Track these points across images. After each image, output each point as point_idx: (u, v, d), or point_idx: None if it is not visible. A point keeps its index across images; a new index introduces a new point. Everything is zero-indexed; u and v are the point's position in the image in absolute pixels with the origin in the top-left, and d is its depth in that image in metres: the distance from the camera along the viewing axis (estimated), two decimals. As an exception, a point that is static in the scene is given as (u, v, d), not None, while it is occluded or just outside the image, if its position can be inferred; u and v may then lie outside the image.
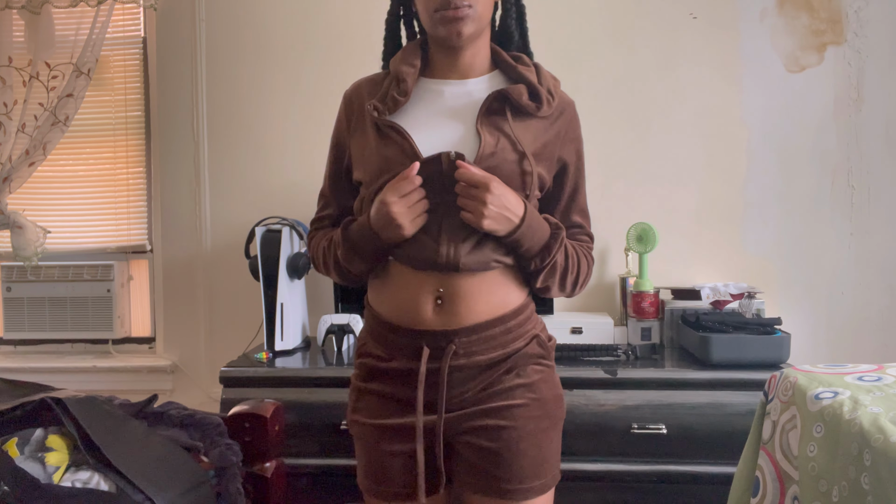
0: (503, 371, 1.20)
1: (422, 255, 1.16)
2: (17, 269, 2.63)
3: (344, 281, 1.28)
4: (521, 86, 1.20)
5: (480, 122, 1.17)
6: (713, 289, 2.17)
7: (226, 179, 2.57)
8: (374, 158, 1.18)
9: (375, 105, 1.19)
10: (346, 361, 2.07)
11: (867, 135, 2.35)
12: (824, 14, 2.36)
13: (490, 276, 1.19)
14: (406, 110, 1.20)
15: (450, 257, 1.15)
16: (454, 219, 1.15)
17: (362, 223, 1.18)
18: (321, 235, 1.33)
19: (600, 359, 2.00)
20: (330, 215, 1.34)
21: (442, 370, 1.16)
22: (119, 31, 2.64)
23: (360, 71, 2.56)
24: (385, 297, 1.23)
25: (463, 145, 1.16)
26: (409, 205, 1.12)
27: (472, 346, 1.17)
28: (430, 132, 1.18)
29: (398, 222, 1.12)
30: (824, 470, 1.24)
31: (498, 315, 1.19)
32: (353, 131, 1.26)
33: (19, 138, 2.50)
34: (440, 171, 1.13)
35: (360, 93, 1.26)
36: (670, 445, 1.84)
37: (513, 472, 1.18)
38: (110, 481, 1.31)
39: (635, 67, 2.41)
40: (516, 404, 1.19)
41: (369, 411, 1.23)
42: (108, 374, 2.60)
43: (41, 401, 1.40)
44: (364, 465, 1.26)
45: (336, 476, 1.91)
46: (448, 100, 1.22)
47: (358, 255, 1.20)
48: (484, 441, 1.18)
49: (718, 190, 2.40)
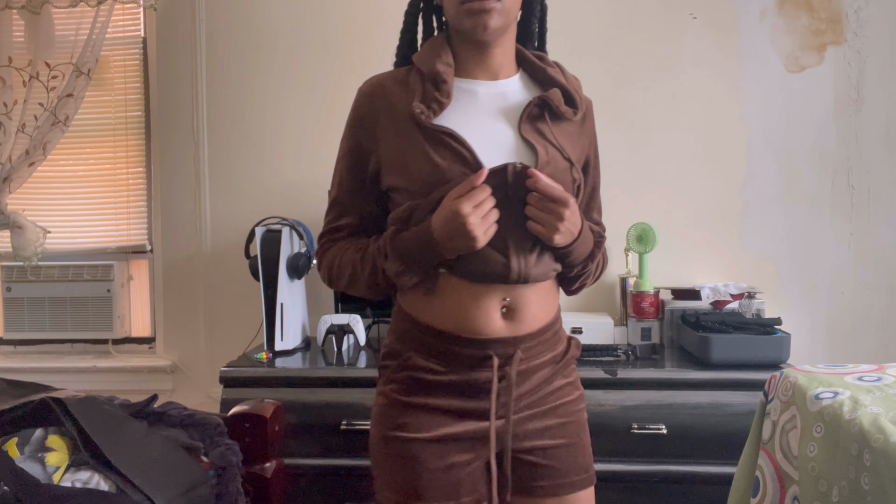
0: (552, 373, 1.21)
1: (488, 270, 1.12)
2: (17, 269, 2.63)
3: (374, 295, 1.21)
4: (557, 91, 1.18)
5: (524, 129, 1.14)
6: (713, 289, 2.17)
7: (226, 179, 2.57)
8: (424, 166, 1.11)
9: (422, 108, 1.12)
10: (346, 361, 2.07)
11: (867, 135, 2.35)
12: (824, 14, 2.36)
13: (544, 284, 1.19)
14: (447, 113, 1.14)
15: (521, 271, 1.12)
16: (518, 231, 1.12)
17: (422, 233, 1.10)
18: (341, 248, 1.23)
19: (600, 359, 2.00)
20: (348, 225, 1.24)
21: (511, 375, 1.14)
22: (119, 31, 2.64)
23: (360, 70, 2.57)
24: (439, 309, 1.15)
25: (517, 153, 1.13)
26: (482, 215, 1.07)
27: (532, 350, 1.17)
28: (482, 138, 1.12)
29: (473, 234, 1.06)
30: (824, 470, 1.24)
31: (549, 320, 1.20)
32: (383, 132, 1.17)
33: (19, 138, 2.50)
34: (504, 182, 1.09)
35: (386, 91, 1.18)
36: (670, 445, 1.84)
37: (578, 462, 1.21)
38: (110, 481, 1.31)
39: (635, 67, 2.40)
40: (569, 400, 1.22)
41: (418, 426, 1.16)
42: (108, 374, 2.60)
43: (41, 401, 1.40)
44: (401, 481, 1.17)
45: (336, 476, 1.91)
46: (484, 101, 1.17)
47: (412, 267, 1.12)
48: (549, 440, 1.19)
49: (718, 190, 2.40)
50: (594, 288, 2.42)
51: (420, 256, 1.11)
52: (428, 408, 1.16)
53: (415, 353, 1.17)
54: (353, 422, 1.89)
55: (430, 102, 1.13)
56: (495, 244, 1.11)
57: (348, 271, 1.20)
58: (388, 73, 1.22)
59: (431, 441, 1.15)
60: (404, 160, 1.14)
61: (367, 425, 1.87)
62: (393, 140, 1.15)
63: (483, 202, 1.06)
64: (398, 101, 1.16)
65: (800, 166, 2.37)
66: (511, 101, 1.18)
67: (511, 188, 1.09)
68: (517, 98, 1.18)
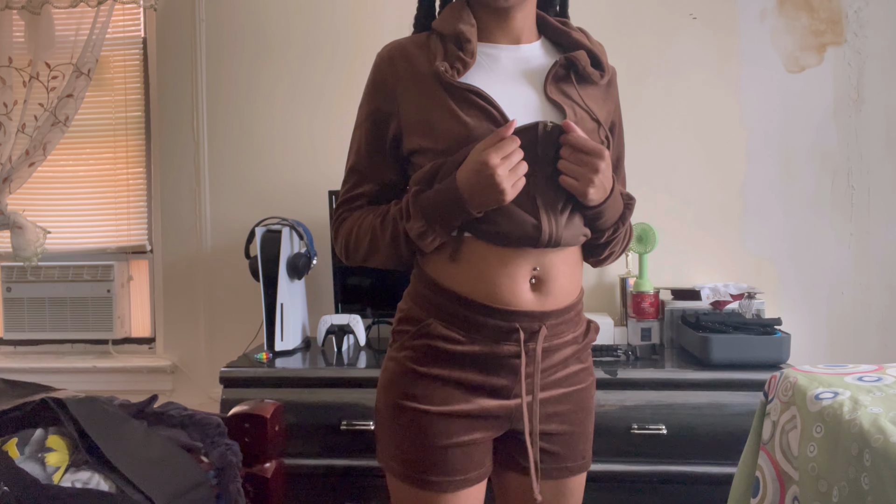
0: (570, 356, 1.17)
1: (517, 231, 1.07)
2: (17, 269, 2.63)
3: (396, 264, 1.17)
4: (583, 52, 1.15)
5: (550, 90, 1.11)
6: (713, 289, 2.17)
7: (226, 179, 2.57)
8: (451, 124, 1.07)
9: (446, 66, 1.08)
10: (346, 362, 2.07)
11: (867, 135, 2.35)
12: (824, 14, 2.36)
13: (573, 252, 1.15)
14: (471, 74, 1.10)
15: (552, 232, 1.08)
16: (548, 191, 1.08)
17: (447, 189, 1.05)
18: (359, 215, 1.18)
19: (600, 359, 2.00)
20: (366, 193, 1.19)
21: (537, 353, 1.10)
22: (119, 32, 2.64)
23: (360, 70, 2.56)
24: (465, 275, 1.10)
25: (544, 114, 1.10)
26: (511, 167, 1.02)
27: (556, 329, 1.13)
28: (507, 97, 1.09)
29: (502, 186, 1.01)
30: (824, 470, 1.24)
31: (575, 297, 1.17)
32: (405, 94, 1.13)
33: (19, 138, 2.50)
34: (534, 141, 1.05)
35: (407, 53, 1.14)
36: (670, 446, 1.84)
37: (578, 449, 1.20)
38: (110, 481, 1.31)
39: (635, 67, 2.40)
40: (582, 388, 1.20)
41: (430, 398, 1.12)
42: (108, 375, 2.60)
43: (41, 401, 1.40)
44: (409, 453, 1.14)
45: (336, 476, 1.91)
46: (507, 65, 1.14)
47: (436, 226, 1.07)
48: (557, 426, 1.17)
49: (718, 190, 2.40)
50: (594, 288, 2.42)
51: (445, 214, 1.06)
52: (443, 379, 1.12)
53: (435, 320, 1.12)
54: (353, 422, 1.89)
55: (454, 62, 1.09)
56: (524, 205, 1.07)
57: (367, 238, 1.15)
58: (407, 38, 1.19)
59: (443, 415, 1.12)
60: (429, 120, 1.09)
61: (367, 425, 1.88)
62: (416, 101, 1.11)
63: (512, 154, 1.02)
64: (420, 63, 1.12)
65: (800, 166, 2.37)
66: (534, 65, 1.15)
67: (541, 147, 1.05)
68: (540, 62, 1.16)
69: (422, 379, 1.13)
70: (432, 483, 1.12)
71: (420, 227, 1.08)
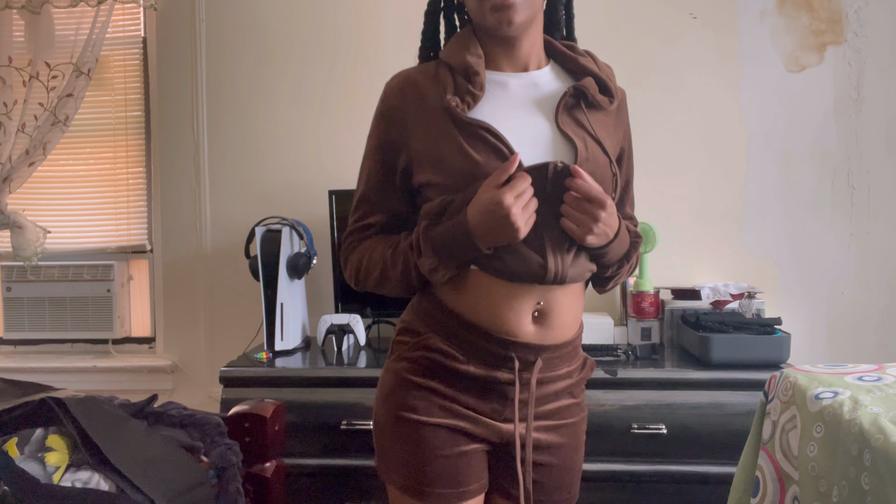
0: (562, 389, 1.19)
1: (524, 268, 1.08)
2: (17, 269, 2.63)
3: (406, 292, 1.18)
4: (591, 79, 1.15)
5: (561, 121, 1.11)
6: (713, 289, 2.17)
7: (226, 179, 2.57)
8: (460, 160, 1.08)
9: (456, 101, 1.09)
10: (346, 361, 2.07)
11: (867, 135, 2.35)
12: (824, 14, 2.36)
13: (577, 287, 1.16)
14: (481, 106, 1.11)
15: (558, 271, 1.09)
16: (556, 230, 1.09)
17: (458, 226, 1.06)
18: (370, 245, 1.19)
19: (600, 359, 2.00)
20: (377, 223, 1.20)
21: (532, 384, 1.12)
22: (119, 31, 2.64)
23: (360, 70, 2.56)
24: (470, 300, 1.12)
25: (555, 147, 1.10)
26: (523, 206, 1.03)
27: (551, 362, 1.15)
28: (516, 131, 1.09)
29: (517, 225, 1.03)
30: (824, 470, 1.24)
31: (575, 332, 1.18)
32: (415, 128, 1.13)
33: (19, 138, 2.50)
34: (543, 180, 1.06)
35: (417, 85, 1.15)
36: (670, 445, 1.84)
37: (564, 483, 1.21)
38: (110, 481, 1.31)
39: (635, 67, 2.40)
40: (572, 422, 1.21)
41: (428, 410, 1.13)
42: (108, 374, 2.60)
43: (41, 401, 1.40)
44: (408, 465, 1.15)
45: (336, 476, 1.91)
46: (517, 93, 1.14)
47: (447, 262, 1.09)
48: (545, 457, 1.18)
49: (718, 190, 2.40)
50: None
51: (455, 250, 1.08)
52: (440, 393, 1.13)
53: (436, 336, 1.14)
54: (353, 422, 1.89)
55: (464, 95, 1.10)
56: (531, 242, 1.08)
57: (378, 269, 1.17)
58: (415, 68, 1.19)
59: (441, 427, 1.13)
60: (439, 154, 1.10)
61: (367, 425, 1.87)
62: (425, 134, 1.12)
63: (524, 192, 1.03)
64: (429, 95, 1.13)
65: (800, 166, 2.37)
66: (544, 92, 1.15)
67: (550, 186, 1.06)
68: (550, 88, 1.16)
69: (419, 390, 1.14)
70: (433, 495, 1.13)
71: (431, 264, 1.10)
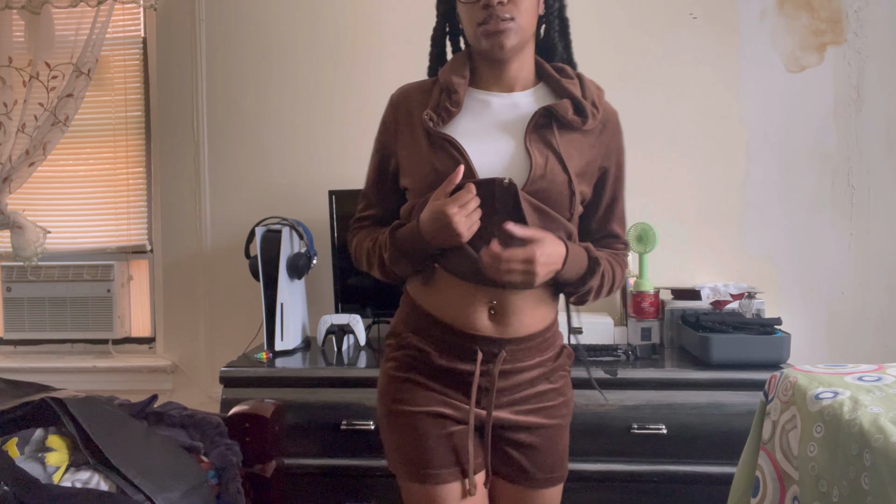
0: (537, 376, 1.28)
1: (467, 267, 1.21)
2: (17, 269, 2.63)
3: (387, 279, 1.32)
4: (567, 101, 1.24)
5: (529, 139, 1.21)
6: (713, 289, 2.17)
7: (226, 179, 2.57)
8: (425, 169, 1.22)
9: (430, 115, 1.22)
10: (346, 361, 2.07)
11: (867, 135, 2.35)
12: (824, 14, 2.36)
13: (533, 293, 1.25)
14: (457, 121, 1.23)
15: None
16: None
17: (412, 229, 1.21)
18: (364, 235, 1.36)
19: (600, 359, 2.00)
20: (372, 216, 1.37)
21: (494, 373, 1.23)
22: (119, 31, 2.64)
23: (359, 70, 2.56)
24: (437, 300, 1.26)
25: (514, 163, 1.20)
26: (467, 214, 1.15)
27: (517, 353, 1.25)
28: (482, 146, 1.21)
29: (458, 230, 1.15)
30: (824, 470, 1.24)
31: (540, 328, 1.27)
32: (401, 137, 1.28)
33: (19, 138, 2.50)
34: (492, 194, 1.18)
35: (409, 99, 1.29)
36: (670, 445, 1.84)
37: (546, 463, 1.29)
38: (110, 481, 1.31)
39: (635, 67, 2.40)
40: (551, 405, 1.29)
41: (414, 399, 1.26)
42: (108, 374, 2.60)
43: (41, 401, 1.40)
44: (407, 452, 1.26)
45: (336, 476, 1.91)
46: (496, 112, 1.25)
47: (405, 258, 1.24)
48: (524, 437, 1.27)
49: (718, 190, 2.40)
50: (594, 288, 2.42)
51: (411, 248, 1.22)
52: (422, 385, 1.26)
53: (412, 335, 1.28)
54: (353, 422, 1.90)
55: (440, 111, 1.23)
56: (476, 246, 1.18)
57: (365, 257, 1.33)
58: (418, 83, 1.32)
59: (428, 414, 1.25)
60: (413, 162, 1.25)
61: (367, 425, 1.88)
62: (407, 144, 1.27)
63: (468, 202, 1.15)
64: (417, 109, 1.26)
65: (800, 166, 2.37)
66: (522, 112, 1.25)
67: (499, 201, 1.18)
68: (528, 109, 1.25)
69: (404, 384, 1.27)
70: (432, 476, 1.23)
71: (392, 258, 1.25)
